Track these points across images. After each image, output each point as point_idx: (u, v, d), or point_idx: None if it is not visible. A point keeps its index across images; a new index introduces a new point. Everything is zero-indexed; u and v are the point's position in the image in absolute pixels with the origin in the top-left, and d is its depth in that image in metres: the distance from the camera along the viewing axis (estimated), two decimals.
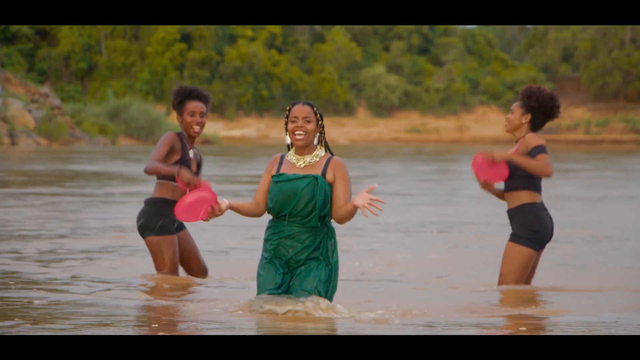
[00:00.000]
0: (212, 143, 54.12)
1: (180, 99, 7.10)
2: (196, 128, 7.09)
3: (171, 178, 7.03)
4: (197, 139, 7.50)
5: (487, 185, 6.98)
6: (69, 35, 74.20)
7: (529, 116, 6.93)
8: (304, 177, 5.51)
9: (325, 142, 5.64)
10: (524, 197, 6.91)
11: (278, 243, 5.56)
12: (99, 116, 51.80)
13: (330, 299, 5.57)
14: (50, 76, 73.51)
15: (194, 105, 7.10)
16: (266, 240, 5.61)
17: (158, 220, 7.06)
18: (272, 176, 5.56)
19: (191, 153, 7.16)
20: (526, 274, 7.00)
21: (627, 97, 77.65)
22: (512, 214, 6.96)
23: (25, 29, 73.04)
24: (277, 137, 70.43)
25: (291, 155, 5.60)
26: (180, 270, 7.35)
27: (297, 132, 5.50)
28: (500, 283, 7.04)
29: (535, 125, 6.96)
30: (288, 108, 5.57)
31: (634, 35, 78.14)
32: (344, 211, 5.46)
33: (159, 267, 7.17)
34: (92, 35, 74.97)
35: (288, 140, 5.59)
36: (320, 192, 5.48)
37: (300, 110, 5.51)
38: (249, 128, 72.80)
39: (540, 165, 6.71)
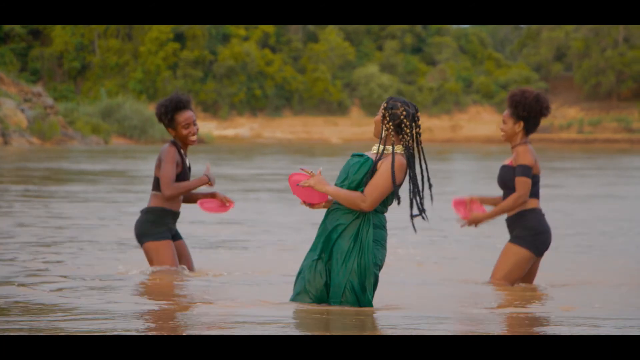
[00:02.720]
0: (205, 143, 54.08)
1: (171, 115, 7.12)
2: (193, 138, 7.17)
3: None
4: None
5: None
6: (62, 35, 74.06)
7: (521, 124, 7.00)
8: (360, 155, 5.77)
9: (399, 143, 5.73)
10: (525, 204, 6.96)
11: (326, 216, 5.76)
12: (91, 115, 51.73)
13: (365, 288, 5.63)
14: (43, 75, 73.37)
15: (185, 116, 7.13)
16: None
17: (155, 227, 7.12)
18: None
19: (187, 161, 7.26)
20: (520, 277, 7.01)
21: (620, 97, 77.73)
22: (512, 220, 7.01)
23: (18, 28, 72.89)
24: (271, 137, 70.38)
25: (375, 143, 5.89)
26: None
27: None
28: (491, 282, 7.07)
29: (530, 129, 7.02)
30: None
31: (627, 34, 78.22)
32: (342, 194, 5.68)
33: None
34: (85, 34, 74.84)
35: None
36: (361, 171, 5.68)
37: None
38: (242, 127, 72.72)
39: (513, 202, 6.94)
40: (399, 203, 5.70)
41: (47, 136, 43.32)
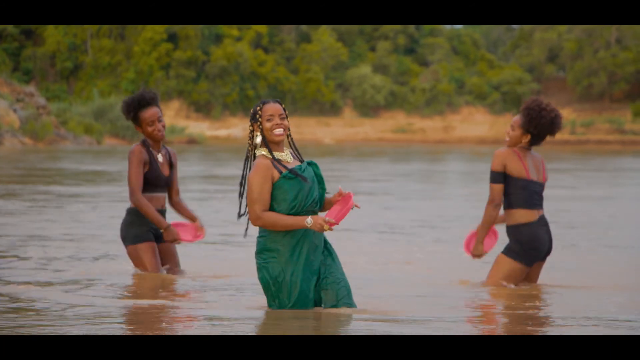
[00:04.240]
0: (197, 143, 53.99)
1: (134, 114, 7.12)
2: (159, 134, 7.13)
3: (153, 190, 7.11)
4: (182, 139, 7.55)
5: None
6: (54, 35, 73.98)
7: (528, 137, 7.03)
8: (307, 164, 5.66)
9: (292, 139, 5.75)
10: (519, 216, 6.99)
11: (310, 241, 5.56)
12: (84, 116, 51.68)
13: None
14: (36, 75, 73.27)
15: (149, 113, 7.11)
16: (297, 243, 5.54)
17: (134, 229, 7.10)
18: (287, 173, 5.52)
19: (160, 157, 7.19)
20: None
21: (612, 98, 77.88)
22: (510, 231, 7.05)
23: (10, 28, 72.77)
24: None
25: (277, 154, 5.63)
26: None
27: (277, 130, 5.57)
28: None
29: (534, 142, 7.07)
30: (258, 107, 5.61)
31: (619, 35, 78.38)
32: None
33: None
34: (78, 34, 74.76)
35: (258, 139, 5.60)
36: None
37: (274, 108, 5.59)
38: (235, 128, 72.69)
39: (486, 212, 7.03)
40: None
41: (39, 136, 43.25)
